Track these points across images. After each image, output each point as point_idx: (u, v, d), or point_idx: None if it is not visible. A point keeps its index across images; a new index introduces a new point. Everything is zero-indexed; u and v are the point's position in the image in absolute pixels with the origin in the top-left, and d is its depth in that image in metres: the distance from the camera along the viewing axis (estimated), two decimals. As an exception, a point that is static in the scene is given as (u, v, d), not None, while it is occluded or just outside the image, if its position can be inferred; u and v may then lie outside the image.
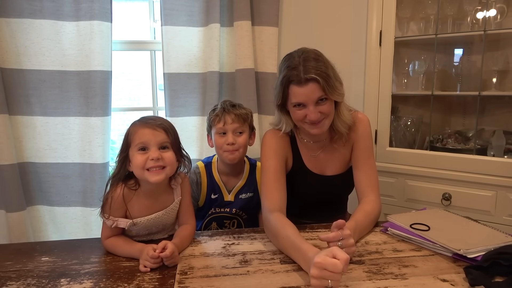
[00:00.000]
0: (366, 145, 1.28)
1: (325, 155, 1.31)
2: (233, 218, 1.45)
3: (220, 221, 1.45)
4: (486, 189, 1.63)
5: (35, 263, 1.01)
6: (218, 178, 1.42)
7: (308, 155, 1.31)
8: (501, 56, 1.78)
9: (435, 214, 1.25)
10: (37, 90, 1.72)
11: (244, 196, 1.44)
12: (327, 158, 1.31)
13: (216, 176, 1.43)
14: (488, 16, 1.74)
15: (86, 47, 1.70)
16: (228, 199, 1.43)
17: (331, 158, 1.31)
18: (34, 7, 1.66)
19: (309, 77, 1.08)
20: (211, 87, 1.81)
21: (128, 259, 1.02)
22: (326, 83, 1.09)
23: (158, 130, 1.05)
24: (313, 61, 1.11)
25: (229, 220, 1.46)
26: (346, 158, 1.32)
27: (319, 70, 1.09)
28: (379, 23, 1.79)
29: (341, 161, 1.32)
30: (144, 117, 1.10)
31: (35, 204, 1.81)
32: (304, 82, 1.09)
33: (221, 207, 1.43)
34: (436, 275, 0.91)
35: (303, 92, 1.10)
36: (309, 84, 1.09)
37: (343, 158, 1.31)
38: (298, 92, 1.11)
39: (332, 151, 1.31)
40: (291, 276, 0.91)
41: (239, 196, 1.43)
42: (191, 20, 1.80)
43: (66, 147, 1.77)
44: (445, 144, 1.88)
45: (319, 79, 1.08)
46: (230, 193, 1.43)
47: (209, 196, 1.42)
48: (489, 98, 1.85)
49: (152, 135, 1.03)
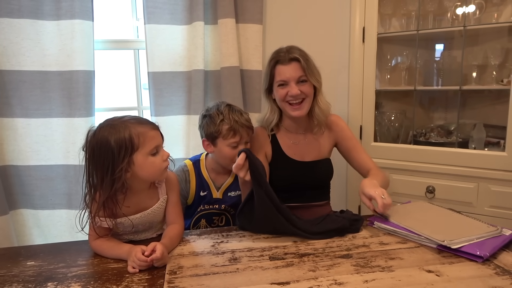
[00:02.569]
0: (350, 135, 1.46)
1: (305, 142, 1.45)
2: (222, 214, 1.46)
3: (209, 218, 1.45)
4: (468, 181, 1.67)
5: (20, 268, 0.99)
6: (207, 176, 1.42)
7: (289, 143, 1.44)
8: (480, 51, 1.83)
9: (420, 206, 1.28)
10: (17, 91, 1.68)
11: (233, 194, 1.44)
12: (307, 146, 1.45)
13: (204, 173, 1.43)
14: (468, 12, 1.78)
15: (68, 47, 1.67)
16: (217, 196, 1.43)
17: (310, 146, 1.45)
18: (12, 6, 1.62)
19: (293, 57, 1.30)
20: (196, 85, 1.80)
21: (116, 260, 1.01)
22: (307, 65, 1.30)
23: (157, 130, 1.07)
24: (297, 49, 1.34)
25: (217, 216, 1.46)
26: (325, 148, 1.47)
27: (301, 55, 1.31)
28: (362, 20, 1.82)
29: (320, 149, 1.46)
30: (132, 118, 1.04)
31: (18, 208, 1.77)
32: (288, 61, 1.31)
33: (210, 204, 1.43)
34: (422, 266, 0.93)
35: (286, 70, 1.31)
36: (292, 63, 1.31)
37: (322, 147, 1.46)
38: (283, 70, 1.32)
39: (311, 140, 1.46)
40: (281, 272, 0.92)
41: (228, 194, 1.44)
42: (175, 18, 1.78)
43: (49, 149, 1.74)
44: (428, 138, 1.92)
45: (301, 59, 1.29)
46: (218, 191, 1.43)
47: (198, 193, 1.41)
48: (470, 92, 1.90)
49: (158, 137, 1.06)
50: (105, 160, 0.98)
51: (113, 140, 0.97)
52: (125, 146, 0.98)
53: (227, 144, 1.31)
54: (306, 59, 1.31)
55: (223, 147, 1.33)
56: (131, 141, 0.99)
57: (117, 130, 0.99)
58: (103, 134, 0.99)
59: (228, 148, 1.32)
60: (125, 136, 0.98)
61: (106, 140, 0.98)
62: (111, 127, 1.00)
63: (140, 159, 1.01)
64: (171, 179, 1.16)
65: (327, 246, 1.05)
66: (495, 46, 1.77)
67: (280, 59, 1.32)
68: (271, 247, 1.06)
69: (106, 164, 0.98)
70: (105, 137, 0.98)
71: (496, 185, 1.61)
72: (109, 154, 0.97)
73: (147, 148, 1.01)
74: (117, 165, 0.98)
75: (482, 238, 1.01)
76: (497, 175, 1.60)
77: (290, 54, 1.30)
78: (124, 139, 0.98)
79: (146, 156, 1.02)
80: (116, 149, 0.97)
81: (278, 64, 1.33)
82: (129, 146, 0.98)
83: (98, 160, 0.99)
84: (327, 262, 0.96)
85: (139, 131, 1.01)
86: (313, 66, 1.33)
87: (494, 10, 1.77)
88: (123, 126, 1.00)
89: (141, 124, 1.03)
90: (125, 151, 0.98)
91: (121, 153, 0.98)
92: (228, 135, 1.30)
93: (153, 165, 1.03)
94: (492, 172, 1.61)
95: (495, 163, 1.61)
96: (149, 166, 1.02)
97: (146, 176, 1.05)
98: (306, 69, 1.30)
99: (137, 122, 1.03)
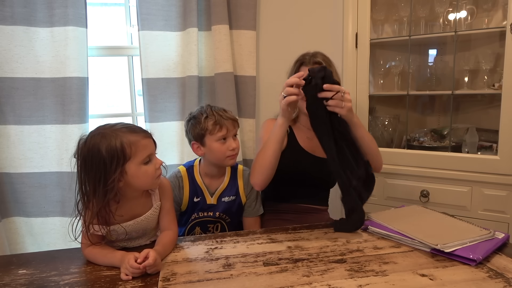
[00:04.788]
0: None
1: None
2: (217, 222, 1.45)
3: (203, 226, 1.45)
4: (462, 185, 1.68)
5: (11, 277, 0.97)
6: (201, 181, 1.42)
7: (303, 137, 1.50)
8: (472, 56, 1.84)
9: (413, 210, 1.29)
10: (10, 98, 1.67)
11: (227, 199, 1.44)
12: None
13: (198, 179, 1.43)
14: (459, 17, 1.80)
15: (61, 54, 1.67)
16: (211, 202, 1.42)
17: None
18: (5, 13, 1.61)
19: (316, 61, 1.41)
20: (190, 91, 1.80)
21: (109, 268, 1.00)
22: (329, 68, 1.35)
23: (150, 138, 1.06)
24: (321, 54, 1.45)
25: (212, 224, 1.45)
26: None
27: (324, 59, 1.42)
28: (355, 25, 1.83)
29: None
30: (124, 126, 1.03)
31: (11, 216, 1.75)
32: (311, 64, 1.40)
33: (204, 210, 1.43)
34: (415, 270, 0.93)
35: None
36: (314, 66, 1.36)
37: None
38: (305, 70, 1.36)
39: None
40: (275, 278, 0.91)
41: (222, 199, 1.43)
42: (169, 24, 1.79)
43: (42, 156, 1.72)
44: (422, 142, 1.93)
45: (323, 63, 1.37)
46: (212, 196, 1.43)
47: (192, 199, 1.41)
48: (462, 97, 1.92)
49: (151, 145, 1.05)
50: (97, 170, 0.97)
51: (104, 149, 0.96)
52: (117, 156, 0.97)
53: (215, 139, 1.33)
54: (329, 64, 1.41)
55: (212, 144, 1.34)
56: (123, 151, 0.97)
57: (108, 139, 0.97)
58: (94, 143, 0.97)
59: (217, 143, 1.34)
60: (117, 146, 0.97)
61: (97, 149, 0.96)
62: (102, 136, 0.98)
63: (133, 168, 1.00)
64: (164, 185, 1.16)
65: (321, 251, 1.05)
66: (486, 51, 1.79)
67: (304, 61, 1.44)
68: (265, 253, 1.05)
69: (98, 175, 0.97)
70: (96, 146, 0.97)
71: (489, 189, 1.62)
72: (101, 164, 0.96)
73: (140, 158, 1.00)
74: (109, 176, 0.97)
75: (475, 242, 1.01)
76: (490, 178, 1.61)
77: (314, 58, 1.42)
78: (116, 148, 0.96)
79: (139, 166, 1.01)
80: (108, 159, 0.96)
81: (302, 65, 1.45)
82: (121, 156, 0.97)
83: (90, 169, 0.98)
84: (321, 267, 0.96)
85: (131, 140, 0.99)
86: (334, 72, 1.37)
87: (485, 16, 1.79)
88: (114, 135, 0.98)
89: (133, 133, 1.01)
90: (117, 161, 0.97)
91: (113, 163, 0.96)
92: (215, 129, 1.32)
93: (146, 174, 1.02)
94: (485, 175, 1.62)
95: (488, 167, 1.62)
96: (142, 175, 1.01)
97: (139, 185, 1.04)
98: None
99: (128, 131, 1.01)
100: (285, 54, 1.98)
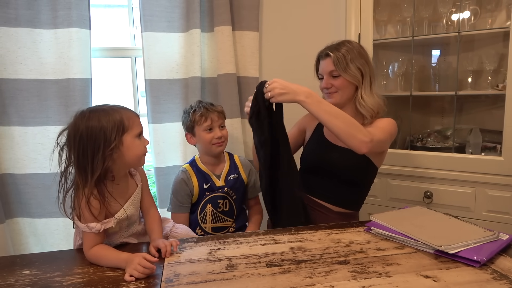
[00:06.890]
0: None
1: None
2: (225, 198, 1.56)
3: (214, 202, 1.55)
4: (466, 186, 1.67)
5: (15, 277, 0.98)
6: (206, 169, 1.56)
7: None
8: (475, 56, 1.84)
9: (416, 212, 1.28)
10: (14, 99, 1.68)
11: (232, 177, 1.58)
12: None
13: (202, 167, 1.56)
14: (462, 18, 1.79)
15: (65, 55, 1.68)
16: (220, 184, 1.55)
17: None
18: (9, 15, 1.62)
19: (326, 53, 1.40)
20: (193, 92, 1.80)
21: (112, 269, 1.01)
22: (338, 61, 1.36)
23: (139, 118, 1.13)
24: (337, 44, 1.41)
25: (222, 200, 1.56)
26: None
27: (337, 51, 1.37)
28: (358, 26, 1.83)
29: None
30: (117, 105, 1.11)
31: (15, 217, 1.76)
32: (324, 57, 1.41)
33: (215, 192, 1.55)
34: (419, 272, 0.92)
35: (321, 64, 1.44)
36: (326, 59, 1.40)
37: None
38: (320, 64, 1.45)
39: None
40: (278, 279, 0.91)
41: (228, 178, 1.58)
42: (171, 26, 1.80)
43: (46, 157, 1.73)
44: (425, 143, 1.92)
45: (333, 55, 1.37)
46: (220, 179, 1.56)
47: (202, 187, 1.53)
48: (466, 98, 1.91)
49: (141, 123, 1.12)
50: (96, 139, 1.01)
51: (106, 121, 1.03)
52: (117, 126, 1.04)
53: (202, 129, 1.51)
54: (340, 56, 1.36)
55: (200, 133, 1.52)
56: (122, 122, 1.05)
57: (109, 113, 1.05)
58: (95, 115, 1.03)
59: (204, 132, 1.51)
60: (117, 118, 1.05)
61: (98, 121, 1.02)
62: (102, 111, 1.05)
63: (129, 140, 1.07)
64: (140, 169, 1.24)
65: (324, 252, 1.05)
66: (489, 51, 1.78)
67: (321, 54, 1.44)
68: (268, 254, 1.05)
69: (98, 143, 1.01)
70: (98, 119, 1.02)
71: (493, 190, 1.62)
72: (101, 134, 1.01)
73: (135, 131, 1.08)
74: (108, 144, 1.02)
75: (479, 243, 1.01)
76: (494, 179, 1.61)
77: (327, 50, 1.41)
78: (116, 120, 1.04)
79: (134, 138, 1.08)
80: (108, 129, 1.02)
81: (320, 59, 1.46)
82: (121, 126, 1.05)
83: (89, 139, 1.01)
84: (324, 268, 0.96)
85: (128, 115, 1.09)
86: (348, 62, 1.35)
87: (488, 16, 1.78)
88: (112, 110, 1.06)
89: (128, 110, 1.11)
90: (117, 131, 1.04)
91: (113, 133, 1.03)
92: (201, 120, 1.50)
93: (138, 148, 1.09)
94: (489, 176, 1.62)
95: (492, 168, 1.61)
96: (135, 148, 1.08)
97: (131, 158, 1.08)
98: (337, 64, 1.36)
99: (123, 108, 1.10)
100: (287, 55, 2.00)
